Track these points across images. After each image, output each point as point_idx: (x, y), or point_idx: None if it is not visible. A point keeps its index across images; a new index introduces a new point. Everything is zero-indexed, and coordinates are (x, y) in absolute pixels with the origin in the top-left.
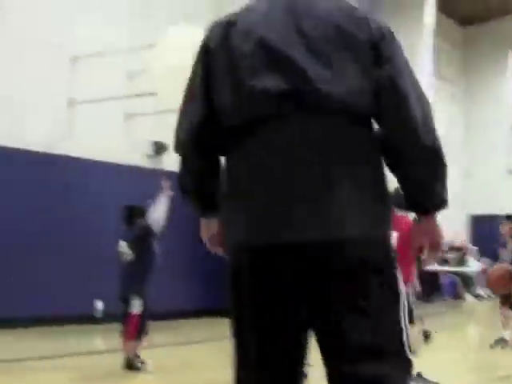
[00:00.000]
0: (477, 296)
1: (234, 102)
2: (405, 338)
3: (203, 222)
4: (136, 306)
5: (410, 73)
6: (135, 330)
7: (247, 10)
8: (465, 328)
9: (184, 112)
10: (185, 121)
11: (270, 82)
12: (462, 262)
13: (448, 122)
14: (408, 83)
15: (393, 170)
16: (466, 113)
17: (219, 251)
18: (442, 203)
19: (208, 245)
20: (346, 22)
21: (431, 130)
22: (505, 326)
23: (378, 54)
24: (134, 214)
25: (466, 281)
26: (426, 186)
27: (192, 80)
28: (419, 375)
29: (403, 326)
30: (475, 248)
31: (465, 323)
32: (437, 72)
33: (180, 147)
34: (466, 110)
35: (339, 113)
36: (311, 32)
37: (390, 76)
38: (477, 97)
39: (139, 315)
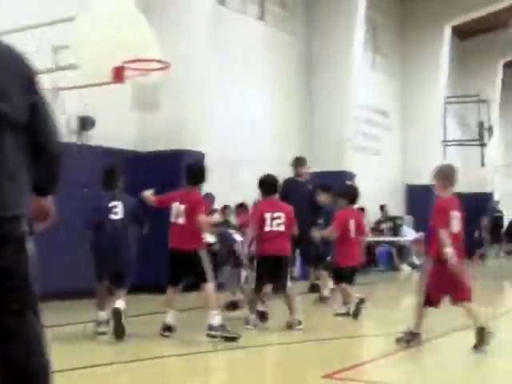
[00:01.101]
0: (412, 265)
1: None
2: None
3: None
4: None
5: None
6: None
7: None
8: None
9: None
10: None
11: None
12: (396, 231)
13: (386, 94)
14: (49, 113)
15: (37, 163)
16: (403, 85)
17: None
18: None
19: None
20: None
21: (58, 144)
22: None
23: (31, 83)
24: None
25: (402, 250)
26: (52, 176)
27: None
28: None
29: None
30: (410, 217)
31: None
32: (373, 45)
33: None
34: (404, 82)
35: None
36: None
37: (40, 103)
38: (413, 69)
39: None
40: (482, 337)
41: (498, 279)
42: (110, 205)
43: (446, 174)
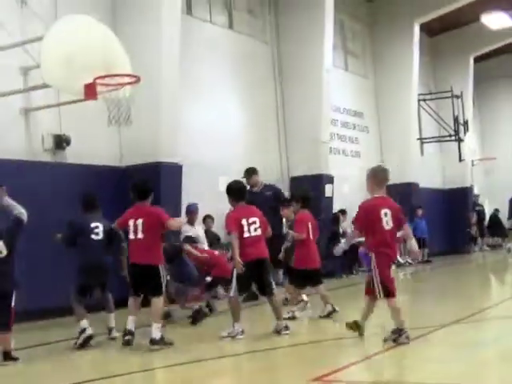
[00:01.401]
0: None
1: None
2: None
3: None
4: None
5: None
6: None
7: None
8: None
9: None
10: None
11: None
12: None
13: (360, 95)
14: None
15: None
16: (376, 85)
17: None
18: None
19: None
20: None
21: None
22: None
23: None
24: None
25: None
26: None
27: None
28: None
29: None
30: None
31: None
32: (344, 48)
33: None
34: (377, 82)
35: None
36: None
37: None
38: (385, 69)
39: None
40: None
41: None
42: (92, 226)
43: (374, 175)
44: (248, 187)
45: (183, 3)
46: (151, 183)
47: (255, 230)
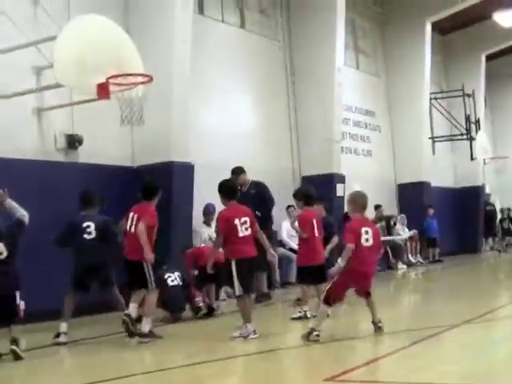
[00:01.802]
0: (407, 263)
1: None
2: None
3: None
4: None
5: None
6: None
7: None
8: None
9: None
10: None
11: None
12: (390, 230)
13: (371, 94)
14: None
15: None
16: (388, 84)
17: None
18: None
19: None
20: None
21: None
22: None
23: None
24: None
25: (396, 249)
26: None
27: None
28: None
29: None
30: (403, 216)
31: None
32: (355, 47)
33: None
34: (388, 81)
35: None
36: None
37: None
38: (397, 68)
39: None
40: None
41: None
42: (84, 225)
43: (354, 201)
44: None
45: (195, 3)
46: (158, 184)
47: (246, 229)
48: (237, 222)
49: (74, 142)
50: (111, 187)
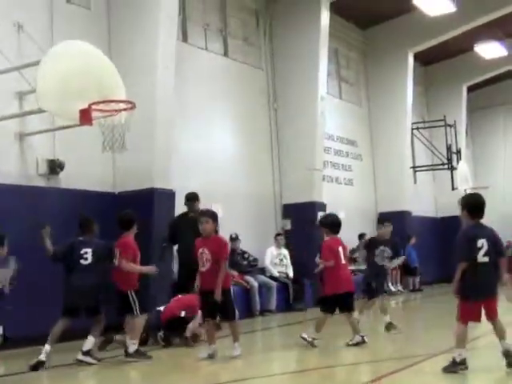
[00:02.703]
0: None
1: None
2: None
3: None
4: None
5: None
6: None
7: None
8: None
9: None
10: None
11: None
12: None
13: (353, 122)
14: None
15: None
16: (370, 113)
17: None
18: None
19: None
20: None
21: None
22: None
23: None
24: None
25: None
26: None
27: None
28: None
29: None
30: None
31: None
32: (338, 76)
33: None
34: (370, 110)
35: None
36: None
37: None
38: (379, 97)
39: None
40: None
41: None
42: (81, 252)
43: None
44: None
45: (179, 30)
46: (135, 214)
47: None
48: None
49: (55, 167)
50: (92, 213)
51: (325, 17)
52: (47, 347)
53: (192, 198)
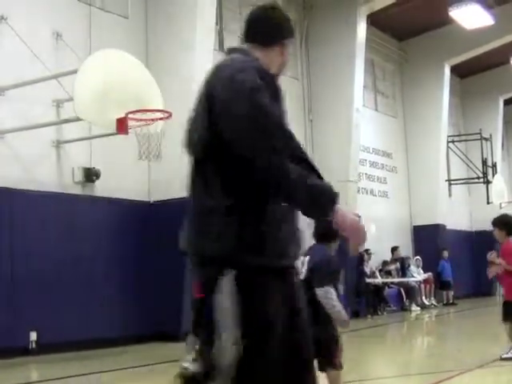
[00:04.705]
0: (421, 305)
1: None
2: None
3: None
4: None
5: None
6: None
7: None
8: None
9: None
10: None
11: None
12: (405, 272)
13: (389, 135)
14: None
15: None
16: (405, 125)
17: None
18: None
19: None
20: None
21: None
22: None
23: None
24: None
25: (410, 291)
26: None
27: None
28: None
29: None
30: (418, 258)
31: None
32: (374, 87)
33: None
34: (406, 123)
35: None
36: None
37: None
38: (415, 110)
39: None
40: None
41: None
42: None
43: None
44: None
45: (215, 39)
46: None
47: None
48: None
49: (91, 175)
50: (127, 221)
51: (361, 28)
52: None
53: None
